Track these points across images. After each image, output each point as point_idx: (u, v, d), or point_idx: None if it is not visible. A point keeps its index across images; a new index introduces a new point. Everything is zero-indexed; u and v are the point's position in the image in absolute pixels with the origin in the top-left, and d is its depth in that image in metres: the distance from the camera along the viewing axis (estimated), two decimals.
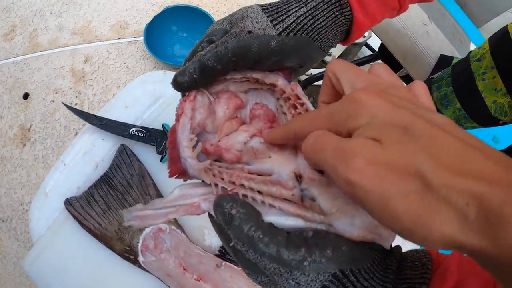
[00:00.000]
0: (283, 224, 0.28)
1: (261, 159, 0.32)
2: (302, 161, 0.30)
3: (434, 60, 1.09)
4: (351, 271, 0.26)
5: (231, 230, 0.28)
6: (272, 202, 0.29)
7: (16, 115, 1.46)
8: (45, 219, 0.60)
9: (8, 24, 1.63)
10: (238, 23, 0.35)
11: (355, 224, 0.27)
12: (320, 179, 0.28)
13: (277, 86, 0.34)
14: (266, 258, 0.26)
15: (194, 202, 0.31)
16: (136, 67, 1.58)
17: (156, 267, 0.56)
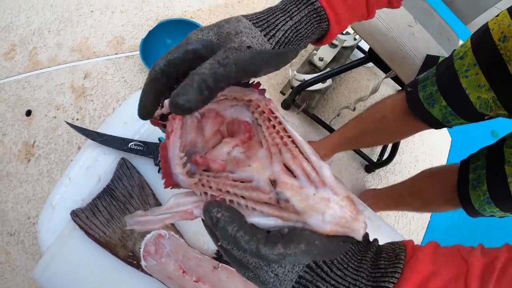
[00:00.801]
0: (264, 224, 0.32)
1: (242, 167, 0.35)
2: (276, 168, 0.33)
3: (420, 61, 1.10)
4: (324, 262, 0.30)
5: (218, 231, 0.31)
6: (253, 205, 0.33)
7: (20, 132, 1.51)
8: (53, 230, 0.64)
9: (8, 44, 1.67)
10: (233, 38, 0.35)
11: (326, 219, 0.30)
12: (293, 184, 0.32)
13: (252, 101, 0.37)
14: (248, 254, 0.30)
15: (187, 209, 0.35)
16: (134, 81, 1.62)
17: (157, 271, 0.60)
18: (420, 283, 0.30)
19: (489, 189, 0.84)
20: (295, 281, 0.30)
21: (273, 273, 0.30)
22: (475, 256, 0.32)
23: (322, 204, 0.31)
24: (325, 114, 1.73)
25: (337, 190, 0.31)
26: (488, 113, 0.79)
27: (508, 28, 0.70)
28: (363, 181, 1.67)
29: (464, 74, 0.79)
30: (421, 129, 1.02)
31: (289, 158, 0.33)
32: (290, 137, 0.34)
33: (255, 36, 0.36)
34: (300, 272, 0.30)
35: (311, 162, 0.33)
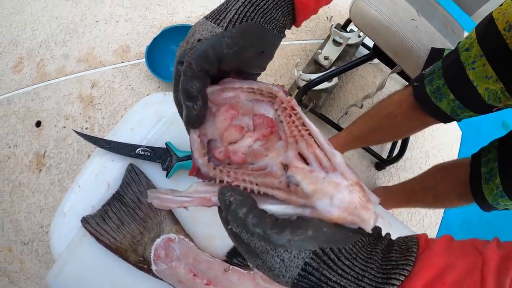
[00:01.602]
0: (275, 211, 0.33)
1: (260, 158, 0.37)
2: (290, 153, 0.35)
3: (425, 54, 1.09)
4: (331, 249, 0.30)
5: (229, 214, 0.32)
6: (265, 190, 0.34)
7: (31, 142, 1.53)
8: (64, 237, 0.64)
9: (15, 57, 1.70)
10: (189, 40, 0.37)
11: (334, 203, 0.30)
12: (304, 167, 0.33)
13: (278, 97, 0.39)
14: (255, 237, 0.31)
15: (206, 196, 0.37)
16: (141, 88, 1.64)
17: (168, 275, 0.60)
18: (434, 277, 0.30)
19: (502, 182, 0.83)
20: (301, 268, 0.30)
21: (279, 258, 0.30)
22: (491, 249, 0.31)
23: (331, 187, 0.31)
24: (332, 113, 1.72)
25: (347, 175, 0.32)
26: (497, 104, 0.78)
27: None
28: (374, 179, 1.66)
29: (471, 66, 0.78)
30: (429, 124, 1.01)
31: (303, 147, 0.34)
32: (307, 131, 0.36)
33: (205, 28, 0.37)
34: (306, 259, 0.30)
35: (324, 150, 0.34)
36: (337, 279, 0.30)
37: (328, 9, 1.97)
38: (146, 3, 1.85)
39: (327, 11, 1.96)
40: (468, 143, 1.83)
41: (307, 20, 1.87)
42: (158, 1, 1.86)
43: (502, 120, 1.88)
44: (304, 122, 0.36)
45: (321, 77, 1.47)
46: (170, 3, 1.87)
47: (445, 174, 1.10)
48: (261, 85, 0.40)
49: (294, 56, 1.80)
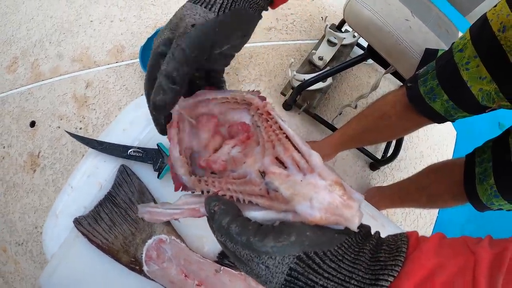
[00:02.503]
0: (260, 218, 0.33)
1: (240, 165, 0.37)
2: (266, 160, 0.35)
3: (419, 55, 1.09)
4: (315, 253, 0.29)
5: (214, 223, 0.33)
6: (249, 198, 0.34)
7: (25, 143, 1.53)
8: (57, 238, 0.64)
9: (10, 56, 1.70)
10: (180, 24, 0.37)
11: (314, 206, 0.30)
12: (281, 172, 0.33)
13: (253, 104, 0.39)
14: (239, 246, 0.31)
15: (195, 207, 0.37)
16: (135, 88, 1.63)
17: (159, 275, 0.60)
18: (425, 277, 0.29)
19: (496, 182, 0.83)
20: (286, 273, 0.30)
21: (263, 265, 0.30)
22: (483, 247, 0.31)
23: (308, 189, 0.31)
24: (327, 113, 1.73)
25: (325, 175, 0.31)
26: (491, 105, 0.78)
27: (507, 18, 0.69)
28: (368, 179, 1.67)
29: (464, 67, 0.78)
30: (423, 124, 1.01)
31: (280, 151, 0.34)
32: (284, 134, 0.36)
33: (196, 12, 0.37)
34: (290, 264, 0.29)
35: (302, 152, 0.33)
36: (324, 282, 0.29)
37: (323, 9, 1.97)
38: (140, 3, 1.85)
39: (322, 11, 1.97)
40: (463, 143, 1.84)
41: (302, 21, 1.89)
42: (152, 1, 1.86)
43: (497, 121, 1.89)
44: (280, 125, 0.36)
45: (316, 77, 1.47)
46: (164, 3, 1.87)
47: (439, 174, 1.10)
48: (235, 93, 0.40)
49: (288, 56, 1.80)
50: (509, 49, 0.69)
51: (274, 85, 1.72)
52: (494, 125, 1.89)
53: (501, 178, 0.83)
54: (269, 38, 1.81)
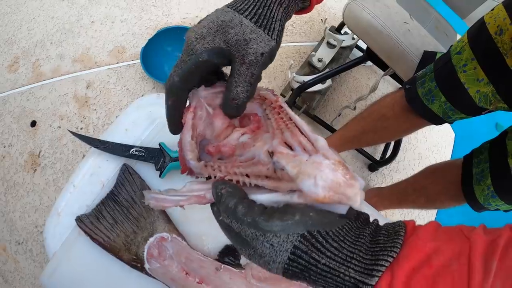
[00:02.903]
0: (265, 200, 0.34)
1: (248, 148, 0.39)
2: (275, 141, 0.36)
3: (418, 57, 1.11)
4: (318, 232, 0.31)
5: (221, 205, 0.34)
6: (255, 181, 0.35)
7: (25, 142, 1.53)
8: (59, 236, 0.65)
9: (11, 56, 1.70)
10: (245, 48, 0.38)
11: (319, 184, 0.31)
12: (288, 152, 0.34)
13: (267, 98, 0.41)
14: (245, 225, 0.32)
15: (200, 194, 0.38)
16: (136, 89, 1.64)
17: (161, 273, 0.61)
18: (422, 260, 0.30)
19: (493, 182, 0.84)
20: (290, 251, 0.31)
21: (268, 243, 0.31)
22: (478, 234, 0.32)
23: (313, 168, 0.32)
24: (326, 115, 1.74)
25: (329, 155, 0.32)
26: (488, 106, 0.79)
27: (503, 21, 0.70)
28: (367, 180, 1.68)
29: (462, 69, 0.79)
30: (421, 126, 1.02)
31: (288, 136, 0.36)
32: (293, 123, 0.37)
33: (262, 39, 0.38)
34: (295, 242, 0.31)
35: (308, 137, 0.35)
36: (326, 261, 0.30)
37: (323, 11, 1.99)
38: (141, 4, 1.86)
39: (322, 13, 1.98)
40: (461, 145, 1.85)
41: (302, 23, 1.90)
42: (153, 2, 1.87)
43: (495, 122, 1.90)
44: (290, 116, 0.38)
45: (315, 79, 1.48)
46: (165, 4, 1.88)
47: (437, 175, 1.11)
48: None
49: (288, 58, 1.81)
50: (505, 52, 0.70)
51: (273, 86, 1.73)
52: (492, 126, 1.90)
53: (498, 179, 0.84)
54: None
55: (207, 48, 0.38)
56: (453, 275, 0.29)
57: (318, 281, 0.32)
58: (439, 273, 0.30)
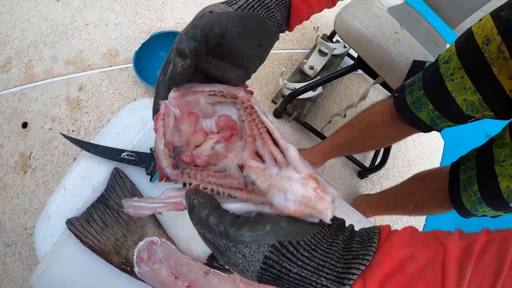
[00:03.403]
0: (238, 209, 0.35)
1: (222, 159, 0.39)
2: (245, 154, 0.36)
3: (407, 66, 1.12)
4: (289, 242, 0.31)
5: (193, 216, 0.34)
6: (228, 191, 0.36)
7: (16, 143, 1.52)
8: (49, 238, 0.65)
9: (3, 56, 1.69)
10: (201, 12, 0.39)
11: (289, 198, 0.31)
12: (258, 166, 0.34)
13: (238, 97, 0.41)
14: (217, 236, 0.32)
15: (178, 200, 0.39)
16: (128, 92, 1.64)
17: (150, 277, 0.62)
18: (395, 267, 0.31)
19: (480, 189, 0.86)
20: (262, 261, 0.31)
21: (240, 253, 0.31)
22: (453, 240, 0.32)
23: (283, 182, 0.32)
24: (317, 122, 1.75)
25: (299, 168, 0.32)
26: (475, 114, 0.81)
27: (491, 31, 0.71)
28: (356, 187, 1.69)
29: (449, 78, 0.80)
30: (410, 133, 1.04)
31: (259, 145, 0.36)
32: (265, 128, 0.37)
33: (218, 6, 0.40)
34: (265, 253, 0.31)
35: (279, 146, 0.35)
36: (298, 270, 0.31)
37: (315, 19, 2.01)
38: (135, 8, 1.86)
39: (314, 21, 2.00)
40: (451, 153, 1.87)
41: (294, 30, 1.91)
42: (147, 7, 1.88)
43: (485, 131, 1.93)
44: (261, 119, 0.38)
45: (306, 86, 1.50)
46: (159, 9, 1.89)
47: (426, 182, 1.12)
48: (222, 87, 0.42)
49: (280, 65, 1.83)
50: (492, 61, 0.72)
51: (265, 93, 1.75)
52: (482, 135, 1.92)
53: (485, 185, 0.85)
54: None
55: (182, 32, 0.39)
56: (427, 281, 0.30)
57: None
58: (413, 280, 0.30)
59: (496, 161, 0.82)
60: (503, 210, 0.87)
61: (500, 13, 0.71)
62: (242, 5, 0.41)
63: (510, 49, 0.68)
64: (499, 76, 0.72)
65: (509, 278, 0.29)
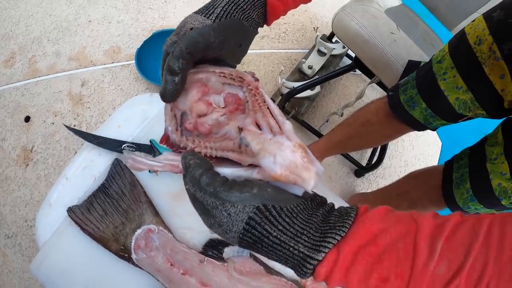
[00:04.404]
0: (228, 173, 0.37)
1: (223, 127, 0.43)
2: (247, 120, 0.40)
3: (402, 66, 1.14)
4: (273, 207, 0.34)
5: (187, 175, 0.37)
6: (221, 154, 0.39)
7: (19, 137, 1.55)
8: (50, 225, 0.67)
9: (7, 51, 1.71)
10: (182, 29, 0.43)
11: (277, 161, 0.33)
12: (255, 131, 0.38)
13: (245, 80, 0.45)
14: (207, 194, 0.35)
15: (175, 163, 0.42)
16: (130, 89, 1.66)
17: (147, 264, 0.64)
18: (369, 239, 0.33)
19: (472, 186, 0.87)
20: (245, 222, 0.33)
21: (226, 212, 0.34)
22: (426, 218, 0.34)
23: (275, 147, 0.34)
24: (314, 121, 1.78)
25: (291, 137, 0.35)
26: (467, 113, 0.82)
27: (482, 32, 0.73)
28: (353, 186, 1.72)
29: (442, 77, 0.82)
30: (404, 132, 1.06)
31: (259, 116, 0.39)
32: (267, 106, 0.41)
33: (196, 20, 0.44)
34: (250, 213, 0.33)
35: (277, 120, 0.38)
36: (278, 234, 0.33)
37: (315, 19, 2.03)
38: (138, 6, 1.89)
39: (314, 22, 2.03)
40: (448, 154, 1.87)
41: (294, 30, 1.94)
42: (150, 5, 1.90)
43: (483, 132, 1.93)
44: (265, 99, 0.42)
45: (304, 85, 1.52)
46: (161, 7, 1.91)
47: (420, 180, 1.14)
48: (231, 70, 0.46)
49: (279, 64, 1.85)
50: (483, 61, 0.73)
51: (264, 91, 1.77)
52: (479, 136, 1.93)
53: (477, 183, 0.86)
54: (262, 46, 1.87)
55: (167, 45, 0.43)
56: (398, 253, 0.32)
57: (270, 253, 0.35)
58: (385, 251, 0.32)
59: (488, 159, 0.83)
60: (495, 208, 0.88)
61: (492, 14, 0.73)
62: (219, 14, 0.45)
63: (501, 49, 0.70)
64: (490, 76, 0.73)
65: (481, 255, 0.30)
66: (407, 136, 1.86)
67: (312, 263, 0.33)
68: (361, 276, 0.32)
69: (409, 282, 0.31)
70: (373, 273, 0.32)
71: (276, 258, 0.35)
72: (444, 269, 0.31)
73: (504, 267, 0.29)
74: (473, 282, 0.30)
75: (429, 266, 0.31)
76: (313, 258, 0.33)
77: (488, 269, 0.30)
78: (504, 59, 0.70)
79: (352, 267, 0.32)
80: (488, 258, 0.30)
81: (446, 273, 0.31)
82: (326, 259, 0.33)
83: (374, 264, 0.32)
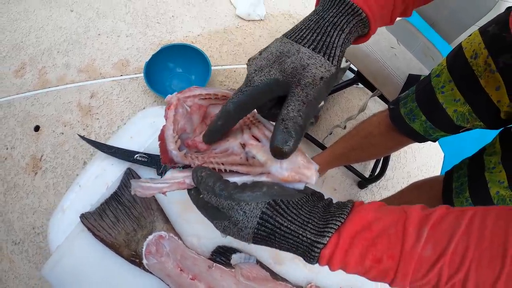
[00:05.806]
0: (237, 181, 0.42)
1: (223, 143, 0.47)
2: (245, 135, 0.45)
3: (403, 80, 1.18)
4: (281, 201, 0.39)
5: (201, 185, 0.41)
6: (230, 167, 0.43)
7: (28, 146, 1.57)
8: (62, 231, 0.69)
9: (18, 62, 1.75)
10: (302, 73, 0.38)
11: (283, 167, 0.41)
12: (257, 144, 0.44)
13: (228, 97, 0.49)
14: (222, 198, 0.40)
15: (180, 180, 0.45)
16: (138, 101, 1.70)
17: (157, 269, 0.66)
18: (364, 225, 0.37)
19: (471, 195, 0.89)
20: (259, 217, 0.39)
21: (242, 210, 0.39)
22: (415, 209, 0.38)
23: None
24: (318, 133, 1.80)
25: None
26: (465, 125, 0.85)
27: (478, 46, 0.76)
28: (356, 197, 1.73)
29: (440, 90, 0.85)
30: (405, 143, 1.08)
31: (255, 130, 0.45)
32: (258, 120, 0.47)
33: (321, 64, 0.39)
34: (263, 209, 0.39)
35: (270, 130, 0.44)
36: (288, 224, 0.38)
37: None
38: (146, 21, 1.94)
39: None
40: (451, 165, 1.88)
41: None
42: (158, 20, 1.95)
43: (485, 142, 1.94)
44: (254, 114, 0.47)
45: None
46: (169, 22, 1.96)
47: (422, 190, 1.16)
48: (216, 90, 0.50)
49: None
50: (480, 74, 0.76)
51: None
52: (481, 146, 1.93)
53: (476, 191, 0.88)
54: None
55: (263, 81, 0.39)
56: (389, 237, 0.36)
57: (282, 242, 0.39)
58: (378, 236, 0.37)
59: (487, 168, 0.85)
60: None
61: (487, 29, 0.76)
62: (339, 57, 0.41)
63: (496, 62, 0.73)
64: (486, 88, 0.76)
65: (463, 241, 0.34)
66: (409, 148, 1.88)
67: (318, 247, 0.38)
68: (357, 258, 0.37)
69: (399, 262, 0.35)
70: (368, 254, 0.37)
71: (287, 247, 0.40)
72: (429, 252, 0.35)
73: (484, 252, 0.33)
74: (456, 264, 0.34)
75: (416, 248, 0.35)
76: (319, 242, 0.38)
77: (469, 253, 0.33)
78: (499, 71, 0.72)
79: (350, 249, 0.37)
80: (469, 244, 0.34)
81: (431, 255, 0.35)
82: (330, 242, 0.38)
83: (369, 247, 0.37)
